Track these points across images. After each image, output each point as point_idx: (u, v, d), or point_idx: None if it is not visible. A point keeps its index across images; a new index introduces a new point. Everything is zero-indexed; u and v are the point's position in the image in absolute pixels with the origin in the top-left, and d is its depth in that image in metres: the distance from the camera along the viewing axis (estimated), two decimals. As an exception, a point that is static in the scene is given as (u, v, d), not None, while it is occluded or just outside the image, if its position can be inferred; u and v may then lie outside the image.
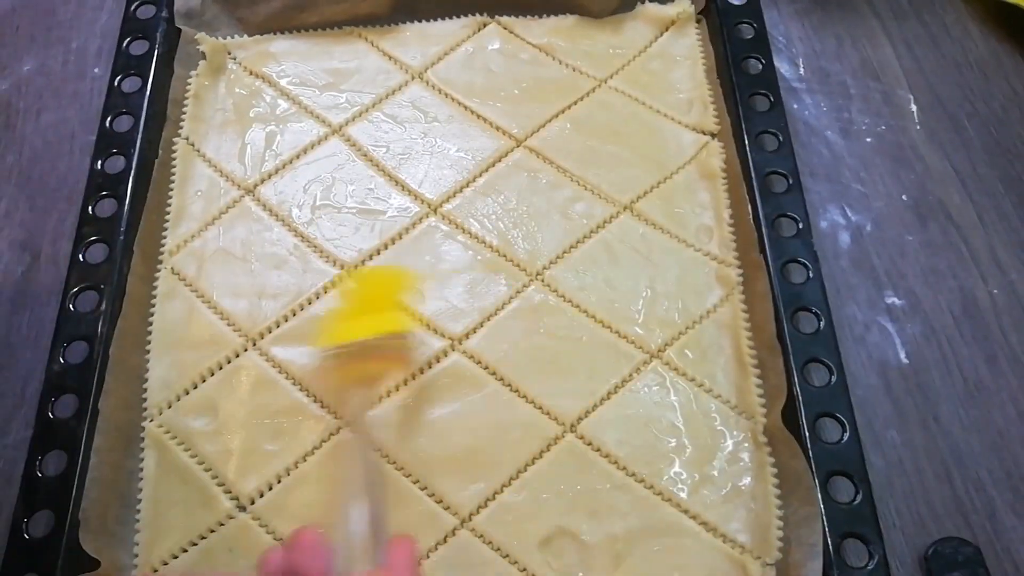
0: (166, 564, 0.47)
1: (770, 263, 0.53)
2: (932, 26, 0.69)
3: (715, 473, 0.50)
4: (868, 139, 0.64)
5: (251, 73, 0.65)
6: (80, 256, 0.54)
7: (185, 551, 0.48)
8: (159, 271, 0.56)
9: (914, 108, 0.65)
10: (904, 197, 0.62)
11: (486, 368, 0.53)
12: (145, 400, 0.52)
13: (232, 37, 0.66)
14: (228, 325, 0.54)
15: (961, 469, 0.52)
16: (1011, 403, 0.54)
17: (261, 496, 0.49)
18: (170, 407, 0.52)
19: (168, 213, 0.58)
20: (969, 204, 0.61)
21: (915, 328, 0.57)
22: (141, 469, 0.50)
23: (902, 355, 0.56)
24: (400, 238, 0.58)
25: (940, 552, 0.49)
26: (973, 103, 0.65)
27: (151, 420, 0.51)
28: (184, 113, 0.62)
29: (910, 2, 0.70)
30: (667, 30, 0.66)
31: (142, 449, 0.51)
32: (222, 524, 0.49)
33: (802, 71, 0.67)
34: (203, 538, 0.48)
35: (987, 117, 0.65)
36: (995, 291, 0.58)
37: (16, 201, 0.62)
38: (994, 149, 0.63)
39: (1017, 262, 0.59)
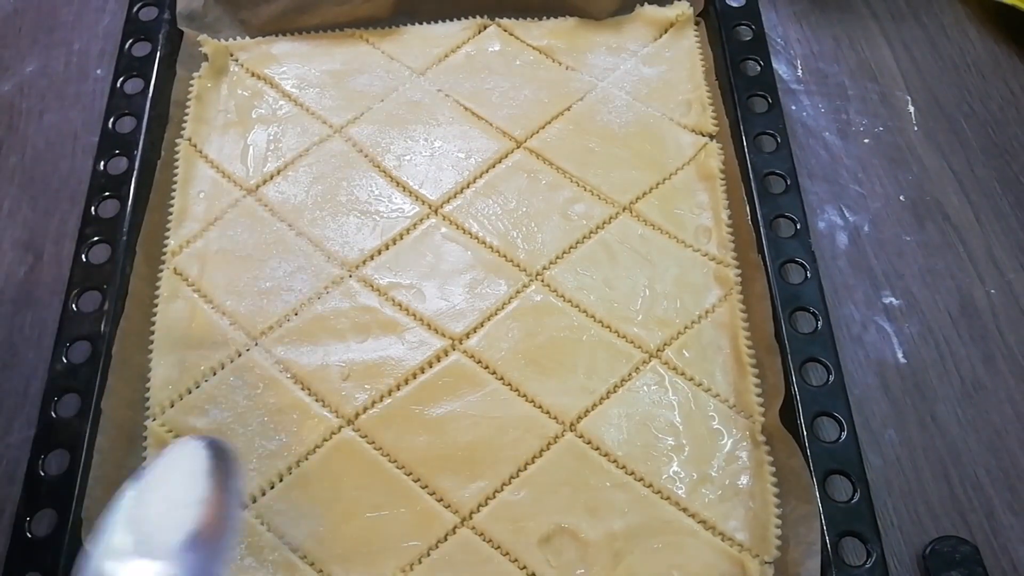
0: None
1: (768, 263, 0.53)
2: (930, 27, 0.69)
3: (713, 472, 0.50)
4: (866, 140, 0.64)
5: (253, 75, 0.65)
6: (83, 256, 0.54)
7: (187, 549, 0.48)
8: (161, 271, 0.57)
9: (912, 109, 0.66)
10: (902, 198, 0.62)
11: (486, 367, 0.53)
12: (148, 399, 0.52)
13: (234, 39, 0.66)
14: (230, 324, 0.55)
15: (959, 468, 0.52)
16: (1008, 402, 0.54)
17: (263, 494, 0.50)
18: (172, 406, 0.52)
19: (170, 214, 0.59)
20: (967, 205, 0.61)
21: (913, 328, 0.57)
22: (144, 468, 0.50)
23: (900, 355, 0.56)
24: (401, 238, 0.58)
25: (938, 551, 0.49)
26: (971, 104, 0.66)
27: (154, 419, 0.52)
28: (186, 114, 0.62)
29: (908, 3, 0.70)
30: (666, 32, 0.66)
31: (144, 448, 0.51)
32: (224, 522, 0.49)
33: (800, 72, 0.67)
34: (205, 536, 0.48)
35: (985, 118, 0.65)
36: (992, 291, 0.58)
37: (19, 202, 0.62)
38: (991, 150, 0.64)
39: (1014, 262, 0.59)
